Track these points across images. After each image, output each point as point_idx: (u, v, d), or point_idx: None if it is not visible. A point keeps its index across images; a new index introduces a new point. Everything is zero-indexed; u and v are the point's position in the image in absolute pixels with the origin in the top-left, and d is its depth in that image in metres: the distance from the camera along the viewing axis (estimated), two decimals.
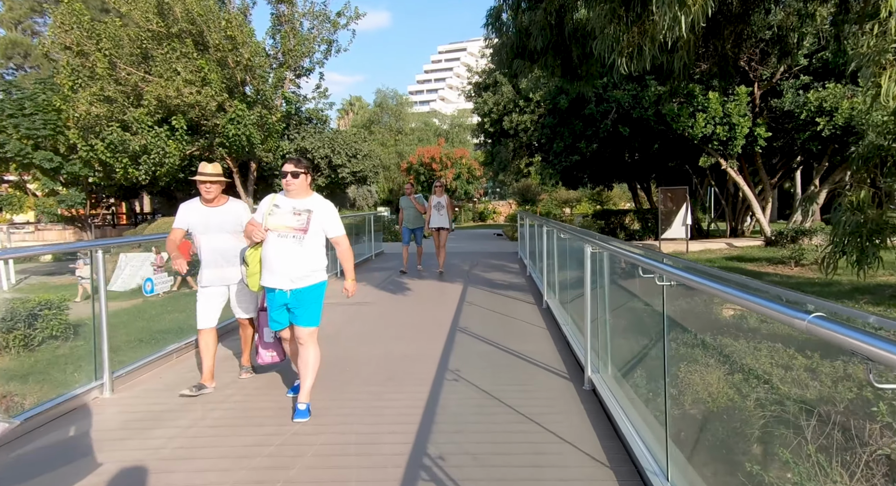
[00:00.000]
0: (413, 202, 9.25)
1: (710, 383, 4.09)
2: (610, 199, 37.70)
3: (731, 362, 4.61)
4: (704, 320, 5.92)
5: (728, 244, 16.04)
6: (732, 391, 4.25)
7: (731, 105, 13.59)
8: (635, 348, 3.57)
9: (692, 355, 4.36)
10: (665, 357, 2.47)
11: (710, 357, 4.50)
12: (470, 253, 13.53)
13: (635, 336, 3.78)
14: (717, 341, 4.96)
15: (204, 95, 16.81)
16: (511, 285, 8.26)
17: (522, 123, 17.31)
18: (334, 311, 6.39)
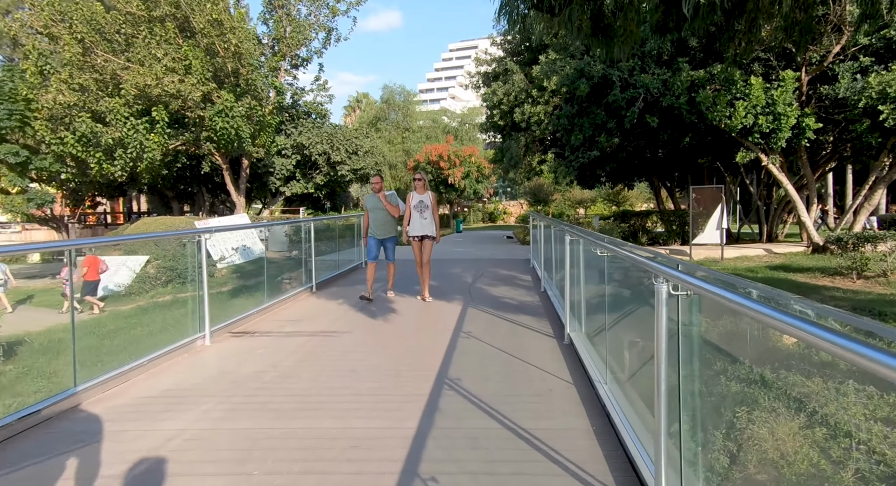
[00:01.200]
0: (382, 201, 6.92)
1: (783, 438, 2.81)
2: (626, 199, 35.86)
3: (806, 410, 3.25)
4: (757, 347, 4.50)
5: (767, 251, 14.27)
6: (815, 454, 2.91)
7: (776, 92, 11.84)
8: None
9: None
10: None
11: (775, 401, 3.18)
12: (476, 260, 11.93)
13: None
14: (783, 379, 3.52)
15: (187, 84, 15.39)
16: (522, 305, 6.65)
17: (535, 115, 15.65)
18: (287, 343, 4.83)
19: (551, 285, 7.50)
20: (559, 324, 5.48)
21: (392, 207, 6.99)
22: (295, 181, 22.70)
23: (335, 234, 11.07)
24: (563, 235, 5.04)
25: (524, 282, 8.53)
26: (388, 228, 7.09)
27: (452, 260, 11.91)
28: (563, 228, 4.95)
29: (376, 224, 7.04)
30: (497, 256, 13.14)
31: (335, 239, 10.37)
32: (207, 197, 22.76)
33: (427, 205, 6.81)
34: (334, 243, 10.24)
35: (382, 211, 6.98)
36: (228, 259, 14.87)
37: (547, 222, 7.80)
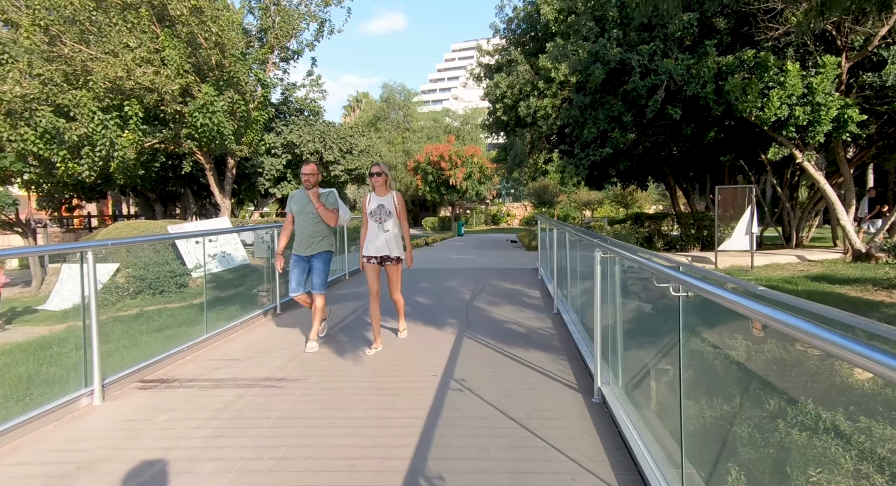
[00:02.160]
0: (312, 201, 4.90)
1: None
2: (635, 201, 34.46)
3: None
4: None
5: (799, 258, 12.88)
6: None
7: (815, 80, 10.46)
8: None
9: None
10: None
11: None
12: (476, 270, 10.58)
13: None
14: None
15: (162, 76, 14.12)
16: (532, 334, 5.30)
17: (542, 109, 14.32)
18: (211, 401, 3.50)
19: (566, 304, 6.16)
20: (581, 365, 4.14)
21: (327, 213, 4.90)
22: (286, 182, 21.41)
23: None
24: (590, 248, 3.71)
25: (532, 299, 7.18)
26: (317, 241, 4.94)
27: (450, 270, 10.58)
28: (593, 240, 3.59)
29: (301, 234, 4.93)
30: (500, 264, 11.80)
31: None
32: (193, 199, 21.49)
33: (390, 211, 4.64)
34: None
35: (312, 216, 4.91)
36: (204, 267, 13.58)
37: (559, 228, 6.46)
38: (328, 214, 4.92)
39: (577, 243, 5.40)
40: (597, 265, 3.44)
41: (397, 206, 4.70)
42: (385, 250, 4.67)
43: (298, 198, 4.99)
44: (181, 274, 12.67)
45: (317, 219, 4.93)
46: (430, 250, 16.68)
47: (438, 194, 33.73)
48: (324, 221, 4.94)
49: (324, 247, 5.00)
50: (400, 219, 4.74)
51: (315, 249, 4.94)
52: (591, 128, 10.72)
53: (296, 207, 4.96)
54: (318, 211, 4.88)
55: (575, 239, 5.18)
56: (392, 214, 4.69)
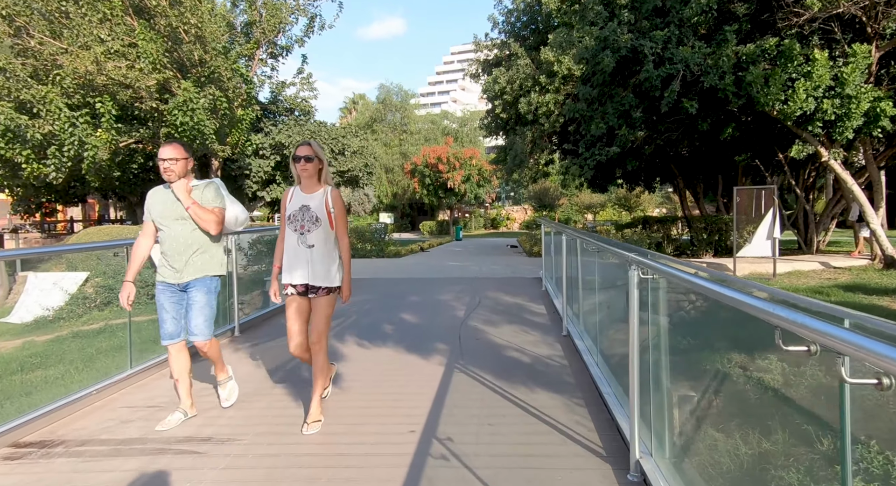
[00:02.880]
0: (180, 199, 3.14)
1: None
2: (639, 204, 33.53)
3: None
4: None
5: (823, 265, 11.91)
6: None
7: (845, 70, 9.52)
8: None
9: None
10: None
11: None
12: (473, 279, 9.60)
13: None
14: None
15: (136, 70, 13.17)
16: (536, 364, 4.32)
17: (544, 106, 13.38)
18: (93, 482, 2.51)
19: (577, 325, 5.18)
20: (604, 415, 3.15)
21: (204, 214, 3.16)
22: (275, 185, 20.44)
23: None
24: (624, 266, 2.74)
25: (536, 316, 6.20)
26: (193, 260, 3.19)
27: (444, 280, 9.59)
28: (627, 254, 2.60)
29: (169, 251, 3.18)
30: (499, 272, 10.83)
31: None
32: None
33: (317, 216, 3.07)
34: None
35: (181, 221, 3.17)
36: None
37: (569, 234, 5.48)
38: (206, 217, 3.16)
39: (593, 252, 4.43)
40: (633, 290, 2.46)
41: (332, 209, 3.08)
42: (307, 275, 3.07)
43: (159, 197, 3.20)
44: (153, 284, 11.68)
45: (189, 226, 3.17)
46: (426, 255, 15.72)
47: (436, 198, 32.80)
48: (200, 227, 3.18)
49: (206, 269, 3.22)
50: (335, 229, 3.12)
51: (191, 271, 3.16)
52: (599, 123, 9.77)
53: (156, 211, 3.17)
54: (190, 212, 3.13)
55: (591, 248, 4.20)
56: (321, 221, 3.06)
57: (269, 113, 21.04)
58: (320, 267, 3.08)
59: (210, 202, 3.23)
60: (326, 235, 3.09)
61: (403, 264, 12.69)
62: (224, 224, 3.34)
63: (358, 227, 14.58)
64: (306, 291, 3.13)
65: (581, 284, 5.20)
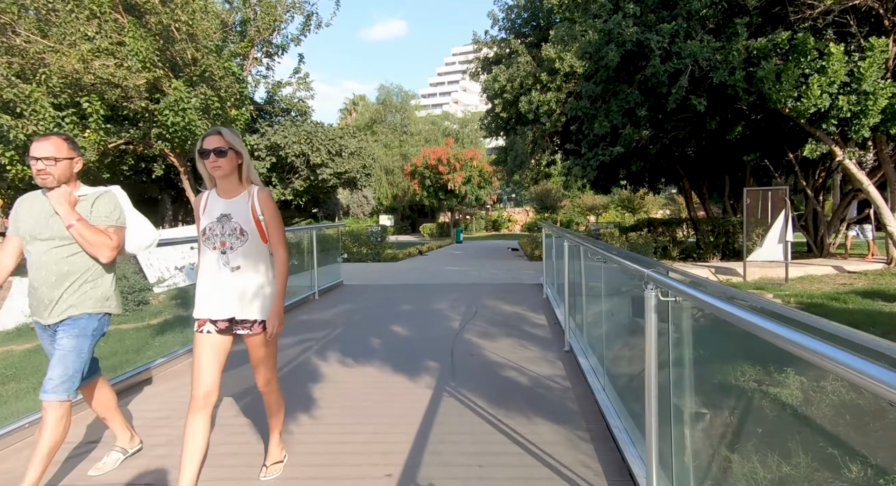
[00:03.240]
0: (60, 211, 2.34)
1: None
2: (642, 206, 33.05)
3: None
4: None
5: (837, 269, 11.43)
6: None
7: (863, 64, 9.07)
8: None
9: None
10: None
11: None
12: (471, 286, 9.15)
13: None
14: None
15: (124, 68, 12.78)
16: (536, 387, 3.87)
17: (545, 104, 12.96)
18: None
19: (580, 340, 4.73)
20: (614, 455, 2.70)
21: (92, 234, 2.37)
22: (271, 187, 20.04)
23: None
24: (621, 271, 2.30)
25: (537, 327, 5.75)
26: (68, 293, 2.38)
27: (441, 286, 9.14)
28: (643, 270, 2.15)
29: (38, 280, 2.36)
30: (499, 277, 10.38)
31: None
32: (171, 205, 20.16)
33: (243, 228, 2.31)
34: None
35: (58, 244, 2.37)
36: (169, 281, 12.19)
37: (572, 240, 5.02)
38: (95, 239, 2.37)
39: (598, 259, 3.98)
40: (649, 314, 2.02)
41: (262, 216, 2.34)
42: (234, 306, 2.29)
43: (34, 206, 2.41)
44: (140, 290, 11.27)
45: (68, 249, 2.38)
46: (424, 259, 15.29)
47: (436, 199, 32.38)
48: (86, 252, 2.40)
49: (82, 304, 2.40)
50: (269, 241, 2.38)
51: (64, 309, 2.37)
52: (603, 122, 9.32)
53: (26, 226, 2.38)
54: (72, 232, 2.34)
55: (596, 258, 3.75)
56: (248, 233, 2.30)
57: (265, 113, 20.66)
58: (252, 294, 2.30)
59: (103, 219, 2.43)
60: (258, 252, 2.33)
61: (399, 269, 12.26)
62: (123, 248, 2.55)
63: (354, 230, 14.15)
64: (231, 327, 2.32)
65: (584, 292, 4.76)
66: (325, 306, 7.14)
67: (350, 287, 8.79)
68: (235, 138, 2.34)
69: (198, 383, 2.25)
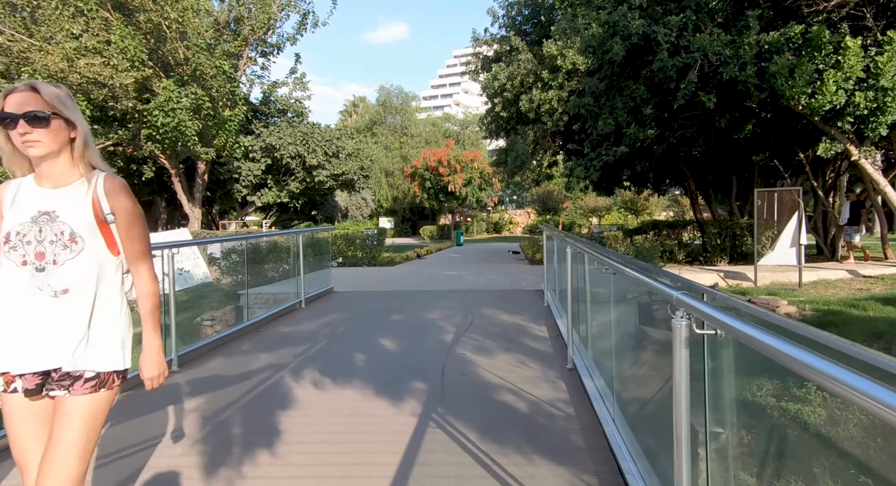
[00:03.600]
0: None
1: None
2: (646, 207, 32.56)
3: None
4: None
5: (851, 273, 10.94)
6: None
7: (881, 59, 8.60)
8: None
9: None
10: None
11: None
12: (468, 292, 8.68)
13: None
14: None
15: (111, 67, 12.38)
16: (536, 415, 3.41)
17: (546, 103, 12.51)
18: None
19: (585, 356, 4.28)
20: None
21: None
22: (266, 189, 19.63)
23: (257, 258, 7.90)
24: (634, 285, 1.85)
25: (537, 340, 5.29)
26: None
27: (435, 293, 8.68)
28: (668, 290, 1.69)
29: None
30: (498, 283, 9.91)
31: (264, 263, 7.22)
32: (165, 208, 19.75)
33: (73, 232, 1.55)
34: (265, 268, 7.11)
35: None
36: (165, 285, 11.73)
37: (574, 246, 4.56)
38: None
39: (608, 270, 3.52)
40: (679, 349, 1.56)
41: (110, 217, 1.62)
42: (57, 351, 1.54)
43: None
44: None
45: None
46: (421, 264, 14.83)
47: (437, 201, 31.93)
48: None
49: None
50: (124, 252, 1.67)
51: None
52: (608, 120, 8.86)
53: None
54: None
55: (605, 269, 3.29)
56: (83, 240, 1.57)
57: (260, 114, 20.26)
58: (78, 333, 1.55)
59: None
60: (99, 269, 1.59)
61: (395, 274, 11.80)
62: None
63: (349, 233, 13.71)
64: (44, 384, 1.55)
65: (588, 300, 4.29)
66: (311, 315, 6.69)
67: (341, 295, 8.33)
68: (64, 101, 1.57)
69: (21, 466, 1.53)
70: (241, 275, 7.49)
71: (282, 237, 7.26)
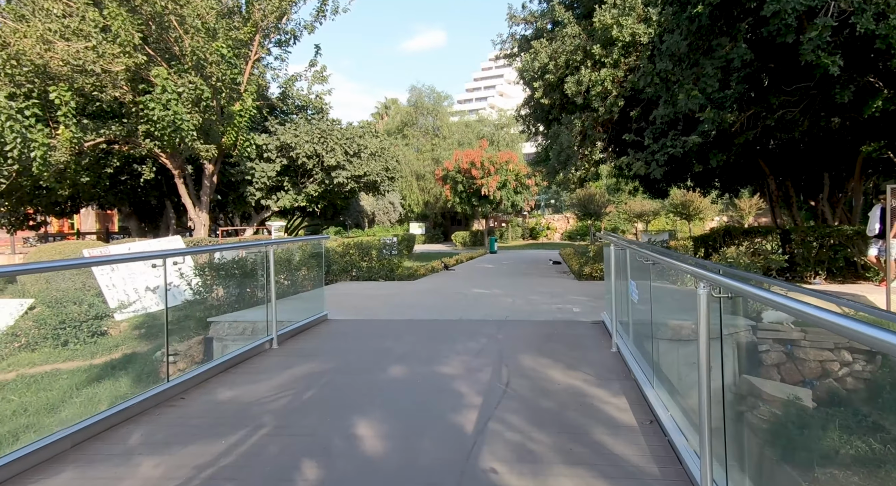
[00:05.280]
0: None
1: None
2: (698, 211, 29.55)
3: None
4: None
5: None
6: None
7: None
8: None
9: None
10: None
11: None
12: (500, 326, 6.50)
13: None
14: None
15: (96, 52, 10.91)
16: None
17: (597, 84, 10.31)
18: None
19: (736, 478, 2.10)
20: None
21: None
22: (282, 192, 18.02)
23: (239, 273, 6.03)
24: None
25: (618, 431, 3.14)
26: None
27: (460, 325, 6.56)
28: None
29: None
30: (542, 308, 7.74)
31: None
32: (174, 213, 18.39)
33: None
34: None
35: None
36: (136, 306, 10.12)
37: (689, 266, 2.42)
38: None
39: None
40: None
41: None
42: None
43: None
44: (97, 317, 9.22)
45: None
46: (447, 276, 12.79)
47: (469, 206, 29.86)
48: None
49: None
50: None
51: None
52: (692, 91, 6.60)
53: None
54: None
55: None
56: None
57: (277, 110, 18.71)
58: None
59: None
60: None
61: (414, 291, 9.80)
62: None
63: (362, 242, 11.81)
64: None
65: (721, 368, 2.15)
66: (277, 366, 4.72)
67: (335, 325, 6.35)
68: None
69: None
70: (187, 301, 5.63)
71: (246, 251, 5.36)
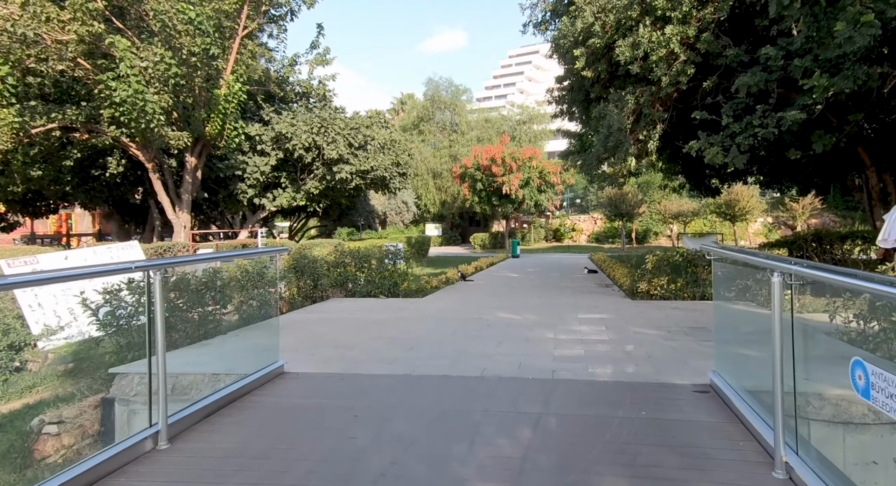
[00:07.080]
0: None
1: None
2: (743, 212, 26.75)
3: None
4: None
5: None
6: None
7: None
8: None
9: None
10: None
11: None
12: (547, 397, 4.19)
13: None
14: None
15: (45, 18, 8.93)
16: None
17: (661, 47, 7.95)
18: None
19: None
20: None
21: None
22: (279, 189, 15.98)
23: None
24: None
25: None
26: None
27: (480, 387, 4.29)
28: None
29: None
30: (600, 351, 5.43)
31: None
32: (158, 213, 16.48)
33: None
34: None
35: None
36: (68, 332, 8.04)
37: None
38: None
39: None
40: None
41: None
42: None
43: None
44: (9, 347, 7.16)
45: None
46: (464, 290, 10.55)
47: (489, 205, 27.61)
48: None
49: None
50: None
51: None
52: (864, 16, 4.24)
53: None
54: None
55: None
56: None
57: (275, 98, 16.67)
58: None
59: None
60: None
61: (419, 317, 7.53)
62: None
63: (359, 249, 9.62)
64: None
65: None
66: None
67: (288, 387, 4.14)
68: None
69: None
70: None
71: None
